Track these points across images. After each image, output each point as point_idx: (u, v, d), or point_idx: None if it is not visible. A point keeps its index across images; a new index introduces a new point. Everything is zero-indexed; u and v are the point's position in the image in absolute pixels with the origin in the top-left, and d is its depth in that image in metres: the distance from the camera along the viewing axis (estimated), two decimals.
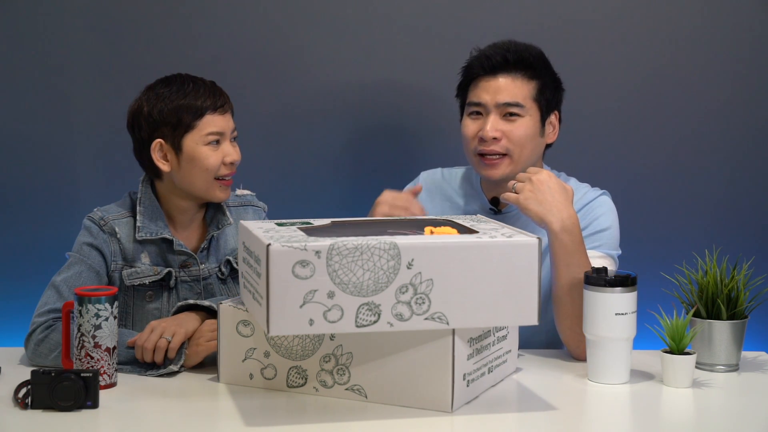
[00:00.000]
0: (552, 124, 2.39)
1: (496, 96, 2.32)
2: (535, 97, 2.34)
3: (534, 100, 2.34)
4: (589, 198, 2.37)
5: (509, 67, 2.33)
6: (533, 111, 2.34)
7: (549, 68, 2.38)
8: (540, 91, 2.34)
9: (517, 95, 2.32)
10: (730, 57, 2.88)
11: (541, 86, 2.35)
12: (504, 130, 2.32)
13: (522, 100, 2.32)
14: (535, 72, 2.34)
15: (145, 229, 2.26)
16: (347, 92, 2.91)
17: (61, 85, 2.88)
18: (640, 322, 2.03)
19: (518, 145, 2.32)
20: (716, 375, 2.10)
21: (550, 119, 2.38)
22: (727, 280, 2.12)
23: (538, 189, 2.15)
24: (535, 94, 2.34)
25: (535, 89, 2.34)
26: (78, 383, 1.82)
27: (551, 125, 2.39)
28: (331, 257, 1.76)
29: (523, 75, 2.34)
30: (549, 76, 2.37)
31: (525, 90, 2.33)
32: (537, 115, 2.34)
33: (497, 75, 2.33)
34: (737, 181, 2.91)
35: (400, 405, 1.85)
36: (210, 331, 2.06)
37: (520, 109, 2.32)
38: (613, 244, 2.33)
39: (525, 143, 2.32)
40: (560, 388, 2.01)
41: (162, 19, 2.88)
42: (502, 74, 2.33)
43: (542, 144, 2.38)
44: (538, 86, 2.34)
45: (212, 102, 2.25)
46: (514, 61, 2.33)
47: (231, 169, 2.28)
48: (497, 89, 2.33)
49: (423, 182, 2.53)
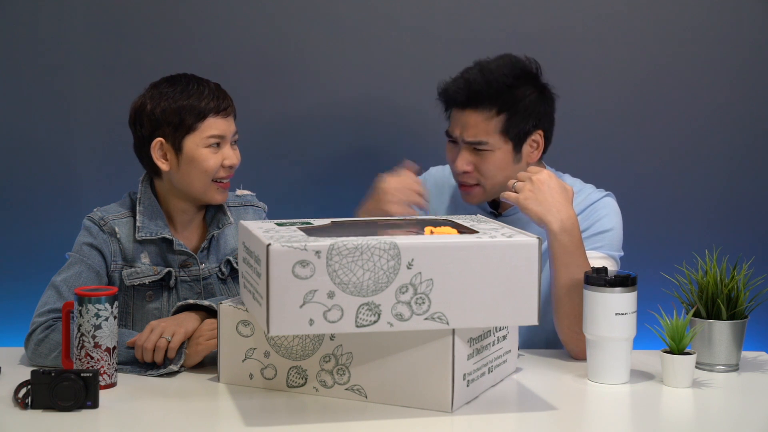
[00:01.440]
0: (534, 142, 2.33)
1: (464, 133, 2.30)
2: (501, 131, 2.29)
3: (501, 133, 2.29)
4: (593, 199, 2.36)
5: (473, 103, 2.29)
6: (501, 144, 2.29)
7: (524, 89, 2.30)
8: (508, 123, 2.28)
9: (480, 133, 2.28)
10: (731, 57, 2.88)
11: (508, 118, 2.28)
12: (474, 161, 2.31)
13: (486, 137, 2.28)
14: (501, 105, 2.28)
15: (145, 229, 2.26)
16: (347, 93, 2.90)
17: (61, 85, 2.88)
18: (640, 322, 2.03)
19: (489, 177, 2.31)
20: (716, 375, 2.10)
21: (530, 141, 2.32)
22: (727, 280, 2.12)
23: (538, 189, 2.14)
24: (501, 127, 2.28)
25: (501, 123, 2.28)
26: (78, 383, 1.82)
27: (532, 145, 2.33)
28: (331, 257, 1.76)
29: (489, 110, 2.28)
30: (519, 103, 2.29)
31: (490, 126, 2.28)
32: (508, 147, 2.30)
33: (465, 109, 2.30)
34: (737, 181, 2.91)
35: (400, 405, 1.85)
36: (210, 330, 2.06)
37: (488, 146, 2.29)
38: (615, 245, 2.33)
39: (495, 174, 2.30)
40: (560, 388, 2.01)
41: (163, 20, 2.88)
42: (469, 109, 2.29)
43: (521, 167, 2.31)
44: (505, 119, 2.28)
45: (215, 104, 2.24)
46: (477, 98, 2.28)
47: (229, 172, 2.28)
48: (464, 125, 2.30)
49: (432, 177, 2.54)
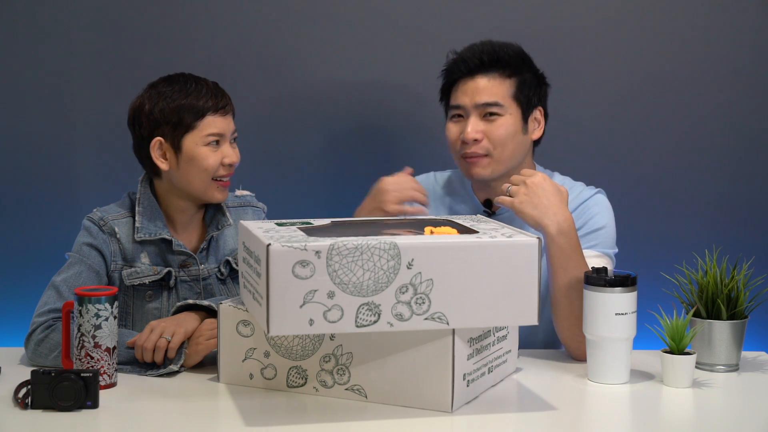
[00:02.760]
0: (536, 120, 2.37)
1: (475, 97, 2.32)
2: (513, 95, 2.32)
3: (513, 98, 2.32)
4: (584, 197, 2.36)
5: (486, 68, 2.32)
6: (513, 109, 2.32)
7: (529, 65, 2.37)
8: (519, 88, 2.33)
9: (495, 94, 2.31)
10: (731, 57, 2.88)
11: (519, 83, 2.33)
12: (484, 130, 2.31)
13: (500, 99, 2.31)
14: (512, 70, 2.33)
15: (144, 230, 2.26)
16: (348, 92, 2.90)
17: (61, 85, 2.88)
18: (640, 322, 2.03)
19: (499, 145, 2.31)
20: (716, 375, 2.10)
21: (534, 115, 2.36)
22: (727, 280, 2.12)
23: (533, 192, 2.14)
24: (513, 91, 2.32)
25: (513, 87, 2.33)
26: (78, 383, 1.82)
27: (536, 121, 2.37)
28: (331, 257, 1.76)
29: (501, 74, 2.32)
30: (529, 72, 2.36)
31: (503, 88, 2.32)
32: (518, 113, 2.33)
33: (475, 76, 2.33)
34: (737, 181, 2.91)
35: (400, 405, 1.85)
36: (210, 330, 2.06)
37: (500, 108, 2.31)
38: (609, 242, 2.32)
39: (506, 142, 2.31)
40: (560, 388, 2.01)
41: (161, 19, 2.88)
42: (480, 75, 2.32)
43: (527, 141, 2.36)
44: (516, 84, 2.33)
45: (214, 103, 2.25)
46: (489, 61, 2.32)
47: (229, 170, 2.28)
48: (475, 90, 2.32)
49: (426, 180, 2.53)
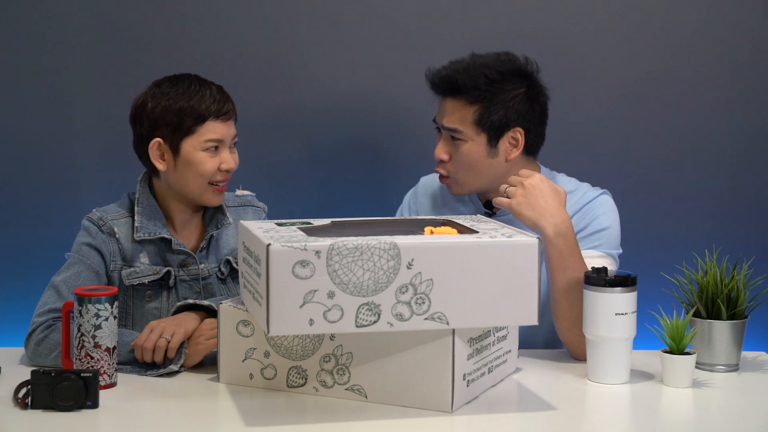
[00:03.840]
0: (512, 140, 2.31)
1: (442, 119, 2.32)
2: (476, 121, 2.29)
3: (475, 124, 2.29)
4: (589, 197, 2.35)
5: (451, 91, 2.30)
6: (474, 135, 2.29)
7: (502, 90, 2.29)
8: (483, 115, 2.28)
9: (454, 121, 2.30)
10: (731, 57, 2.88)
11: (483, 110, 2.28)
12: (449, 152, 2.32)
13: (460, 126, 2.29)
14: (479, 95, 2.28)
15: (144, 229, 2.26)
16: (347, 92, 2.90)
17: (61, 85, 2.88)
18: (640, 322, 2.03)
19: (461, 169, 2.31)
20: (716, 375, 2.10)
21: (507, 138, 2.30)
22: (727, 280, 2.12)
23: (530, 194, 2.13)
24: (476, 118, 2.28)
25: (476, 114, 2.28)
26: (78, 383, 1.82)
27: (511, 142, 2.31)
28: (331, 257, 1.76)
29: (466, 99, 2.29)
30: (497, 96, 2.28)
31: (464, 115, 2.29)
32: (482, 139, 2.29)
33: (446, 97, 2.32)
34: (737, 181, 2.91)
35: (400, 405, 1.85)
36: (210, 330, 2.06)
37: (460, 134, 2.30)
38: (613, 243, 2.32)
39: (468, 167, 2.31)
40: (560, 388, 2.01)
41: (162, 19, 2.88)
42: (449, 97, 2.31)
43: (497, 163, 2.31)
44: (480, 110, 2.28)
45: (216, 108, 2.24)
46: (452, 86, 2.30)
47: (226, 176, 2.28)
48: (443, 112, 2.32)
49: (423, 186, 2.53)
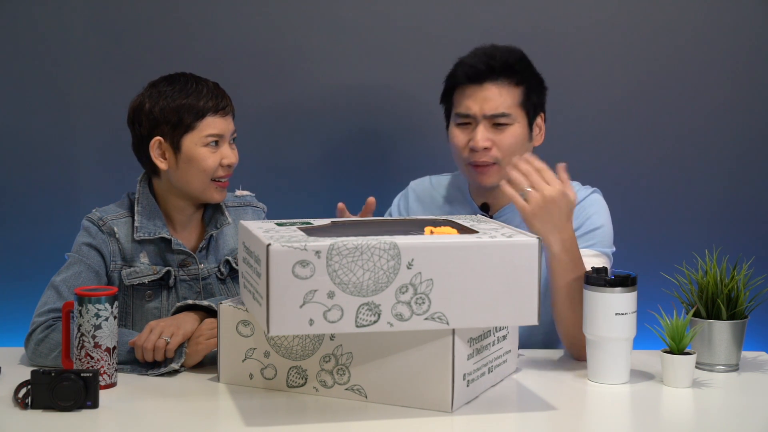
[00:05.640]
0: (538, 126, 2.36)
1: (484, 107, 2.30)
2: (521, 103, 2.31)
3: (521, 106, 2.31)
4: (581, 197, 2.35)
5: (494, 75, 2.30)
6: (521, 118, 2.31)
7: (532, 70, 2.35)
8: (526, 96, 2.32)
9: (504, 105, 2.30)
10: (730, 57, 2.88)
11: (526, 91, 2.32)
12: (494, 139, 2.30)
13: (509, 109, 2.30)
14: (520, 77, 2.31)
15: (143, 229, 2.26)
16: (347, 92, 2.90)
17: (61, 85, 2.88)
18: (640, 322, 2.02)
19: (508, 154, 2.30)
20: (716, 375, 2.10)
21: (537, 122, 2.36)
22: (727, 280, 2.12)
23: (547, 207, 2.08)
24: (521, 100, 2.31)
25: (521, 95, 2.31)
26: (78, 383, 1.82)
27: (537, 127, 2.36)
28: (331, 257, 1.76)
29: (509, 82, 2.30)
30: (533, 78, 2.35)
31: (512, 98, 2.30)
32: (525, 121, 2.32)
33: (483, 83, 2.30)
34: (737, 181, 2.91)
35: (400, 405, 1.85)
36: (209, 330, 2.06)
37: (509, 118, 2.30)
38: (606, 241, 2.32)
39: (514, 150, 2.30)
40: (560, 388, 2.01)
41: (161, 19, 2.88)
42: (488, 83, 2.30)
43: (530, 148, 2.36)
44: (524, 91, 2.31)
45: (214, 104, 2.25)
46: (499, 69, 2.30)
47: (228, 171, 2.28)
48: (484, 99, 2.30)
49: (413, 191, 2.52)
